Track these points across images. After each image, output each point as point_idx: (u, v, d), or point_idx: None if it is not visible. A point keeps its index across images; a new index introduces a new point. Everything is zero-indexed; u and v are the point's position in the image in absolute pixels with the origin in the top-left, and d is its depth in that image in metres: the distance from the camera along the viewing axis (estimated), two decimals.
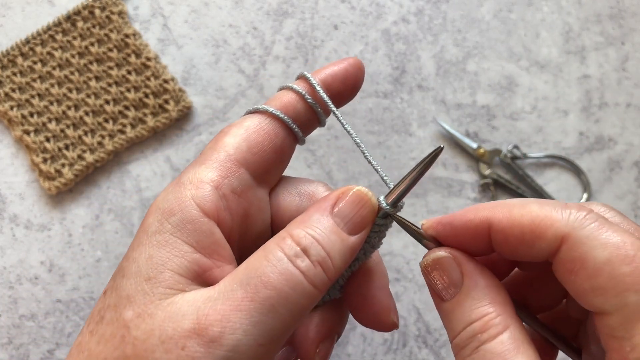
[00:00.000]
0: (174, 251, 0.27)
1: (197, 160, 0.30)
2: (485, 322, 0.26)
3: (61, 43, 0.65)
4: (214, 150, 0.30)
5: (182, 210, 0.28)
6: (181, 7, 0.67)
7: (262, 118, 0.32)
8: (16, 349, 0.59)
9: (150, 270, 0.27)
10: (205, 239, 0.28)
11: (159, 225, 0.28)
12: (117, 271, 0.29)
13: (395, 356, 0.59)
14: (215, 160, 0.30)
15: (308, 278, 0.26)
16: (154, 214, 0.28)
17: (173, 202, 0.28)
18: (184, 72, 0.65)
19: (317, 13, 0.67)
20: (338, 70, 0.33)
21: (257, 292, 0.25)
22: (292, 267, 0.26)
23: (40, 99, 0.64)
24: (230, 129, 0.31)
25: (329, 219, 0.28)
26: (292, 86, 0.33)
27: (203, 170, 0.29)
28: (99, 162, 0.62)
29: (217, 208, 0.28)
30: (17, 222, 0.62)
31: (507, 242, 0.27)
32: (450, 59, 0.66)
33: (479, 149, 0.62)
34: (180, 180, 0.29)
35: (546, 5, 0.67)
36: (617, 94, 0.65)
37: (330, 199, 0.29)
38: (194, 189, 0.28)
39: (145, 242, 0.28)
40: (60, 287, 0.60)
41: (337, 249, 0.27)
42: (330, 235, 0.28)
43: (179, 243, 0.27)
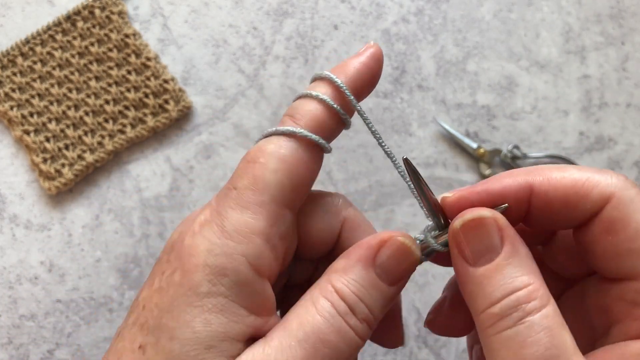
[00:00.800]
0: (233, 317, 0.26)
1: (236, 199, 0.27)
2: (530, 292, 0.24)
3: (61, 43, 0.65)
4: (255, 190, 0.27)
5: (237, 273, 0.26)
6: (181, 7, 0.67)
7: (296, 145, 0.28)
8: (16, 349, 0.59)
9: (211, 338, 0.25)
10: (259, 298, 0.27)
11: (212, 287, 0.26)
12: (155, 327, 0.26)
13: (395, 356, 0.59)
14: (261, 205, 0.27)
15: (357, 334, 0.27)
16: (201, 271, 0.26)
17: (224, 260, 0.26)
18: (184, 72, 0.65)
19: (317, 13, 0.67)
20: (362, 67, 0.30)
21: (317, 351, 0.25)
22: (345, 325, 0.26)
23: (40, 99, 0.64)
24: (266, 160, 0.28)
25: (371, 273, 0.27)
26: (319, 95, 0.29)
27: (250, 217, 0.27)
28: (99, 162, 0.62)
29: (270, 265, 0.27)
30: (17, 222, 0.62)
31: (550, 205, 0.27)
32: (450, 59, 0.66)
33: (479, 149, 0.62)
34: (224, 228, 0.26)
35: (546, 5, 0.67)
36: (617, 94, 0.65)
37: (372, 247, 0.28)
38: (244, 244, 0.26)
39: (197, 305, 0.25)
40: (60, 287, 0.60)
41: (379, 304, 0.27)
42: (372, 291, 0.27)
43: (236, 307, 0.26)
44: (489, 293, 0.25)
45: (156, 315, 0.26)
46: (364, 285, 0.27)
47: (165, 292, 0.26)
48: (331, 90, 0.30)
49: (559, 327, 0.24)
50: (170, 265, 0.27)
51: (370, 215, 0.61)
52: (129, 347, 0.26)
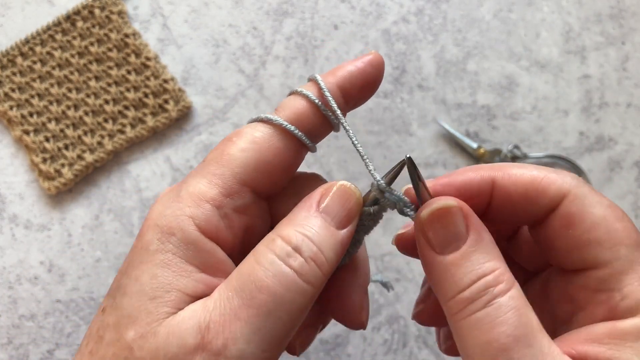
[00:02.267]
0: (179, 271, 0.27)
1: (200, 169, 0.29)
2: (496, 276, 0.25)
3: (61, 43, 0.65)
4: (219, 163, 0.29)
5: (182, 230, 0.27)
6: (181, 6, 0.67)
7: (272, 131, 0.29)
8: (16, 349, 0.59)
9: (156, 290, 0.26)
10: (209, 259, 0.27)
11: (160, 245, 0.27)
12: (114, 288, 0.28)
13: (395, 356, 0.59)
14: (220, 177, 0.28)
15: (302, 276, 0.26)
16: (152, 230, 0.27)
17: (172, 220, 0.27)
18: (184, 72, 0.65)
19: (317, 13, 0.67)
20: (356, 70, 0.30)
21: (253, 298, 0.25)
22: (285, 268, 0.26)
23: (39, 99, 0.63)
24: (238, 139, 0.29)
25: (317, 216, 0.28)
26: (303, 91, 0.30)
27: (205, 185, 0.28)
28: (99, 162, 0.62)
29: (217, 229, 0.28)
30: (16, 222, 0.62)
31: (510, 199, 0.28)
32: (451, 58, 0.66)
33: (479, 149, 0.62)
34: (179, 193, 0.28)
35: (546, 5, 0.67)
36: (618, 94, 0.65)
37: (315, 196, 0.29)
38: (193, 207, 0.27)
39: (147, 261, 0.27)
40: (60, 287, 0.60)
41: (328, 244, 0.27)
42: (319, 230, 0.27)
43: (183, 263, 0.27)
44: (457, 280, 0.26)
45: (117, 279, 0.28)
46: (312, 226, 0.27)
47: (127, 258, 0.28)
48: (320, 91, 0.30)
49: (525, 307, 0.25)
50: (136, 237, 0.29)
51: None
52: (97, 314, 0.28)
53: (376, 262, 0.60)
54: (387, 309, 0.59)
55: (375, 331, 0.59)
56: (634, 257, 0.26)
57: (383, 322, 0.59)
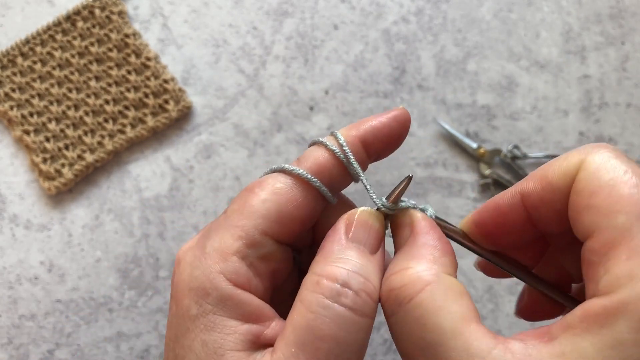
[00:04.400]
0: (225, 330, 0.27)
1: (223, 222, 0.29)
2: (402, 277, 0.26)
3: (61, 43, 0.65)
4: (241, 215, 0.29)
5: (217, 289, 0.27)
6: (181, 7, 0.67)
7: (293, 182, 0.30)
8: (16, 349, 0.59)
9: (210, 357, 0.26)
10: (247, 308, 0.27)
11: (199, 308, 0.27)
12: (172, 358, 0.28)
13: (395, 356, 0.59)
14: (242, 229, 0.28)
15: (357, 312, 0.26)
16: (187, 295, 0.27)
17: (204, 281, 0.27)
18: (184, 72, 0.65)
19: (317, 13, 0.67)
20: (380, 125, 0.31)
21: (317, 350, 0.25)
22: (340, 308, 0.26)
23: (40, 99, 0.64)
24: (260, 190, 0.29)
25: (351, 246, 0.28)
26: (325, 143, 0.30)
27: (228, 238, 0.28)
28: (99, 162, 0.62)
29: (247, 279, 0.28)
30: (16, 222, 0.62)
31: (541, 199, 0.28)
32: (451, 58, 0.66)
33: (479, 149, 0.62)
34: (204, 250, 0.28)
35: (546, 5, 0.67)
36: (617, 94, 0.65)
37: (341, 227, 0.29)
38: (221, 262, 0.27)
39: (192, 328, 0.27)
40: (60, 287, 0.60)
41: (371, 270, 0.27)
42: (359, 260, 0.27)
43: (225, 321, 0.27)
44: (386, 277, 0.28)
45: (172, 348, 0.28)
46: (350, 257, 0.27)
47: (171, 325, 0.28)
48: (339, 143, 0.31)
49: (432, 314, 0.24)
50: (171, 300, 0.29)
51: None
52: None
53: None
54: None
55: (375, 331, 0.59)
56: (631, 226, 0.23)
57: (383, 322, 0.59)
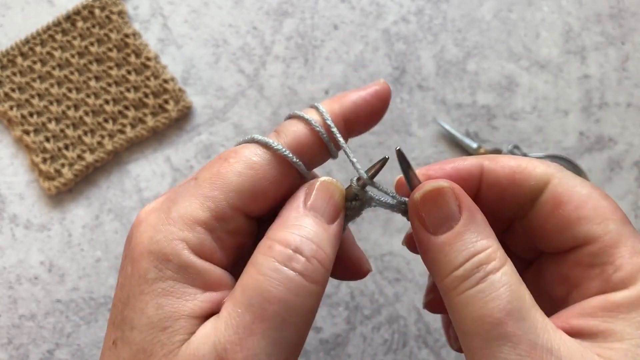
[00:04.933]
0: (184, 296, 0.26)
1: (192, 189, 0.28)
2: (489, 254, 0.26)
3: (61, 43, 0.65)
4: (213, 185, 0.28)
5: (178, 255, 0.27)
6: (181, 7, 0.67)
7: (270, 157, 0.29)
8: (16, 349, 0.59)
9: (164, 321, 0.26)
10: (208, 278, 0.27)
11: (159, 272, 0.26)
12: (120, 321, 0.27)
13: (395, 356, 0.59)
14: (212, 200, 0.28)
15: (308, 277, 0.26)
16: (146, 258, 0.27)
17: (165, 246, 0.27)
18: (184, 72, 0.65)
19: (317, 13, 0.67)
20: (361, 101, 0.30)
21: (264, 310, 0.25)
22: (290, 272, 0.26)
23: (40, 99, 0.64)
24: (235, 161, 0.28)
25: (307, 214, 0.28)
26: (304, 116, 0.30)
27: (196, 207, 0.27)
28: (99, 162, 0.62)
29: (211, 251, 0.28)
30: (16, 222, 0.62)
31: (499, 183, 0.29)
32: (451, 58, 0.66)
33: (479, 149, 0.62)
34: (170, 214, 0.27)
35: (546, 5, 0.67)
36: (617, 94, 0.65)
37: (300, 196, 0.29)
38: (186, 230, 0.27)
39: (147, 291, 0.26)
40: (60, 287, 0.60)
41: (325, 239, 0.27)
42: (314, 228, 0.27)
43: (184, 287, 0.27)
44: (451, 258, 0.26)
45: (120, 310, 0.27)
46: (305, 225, 0.27)
47: (123, 286, 0.27)
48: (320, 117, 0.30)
49: (518, 284, 0.25)
50: (125, 260, 0.28)
51: (370, 214, 0.61)
52: (106, 345, 0.28)
53: (376, 262, 0.60)
54: (387, 309, 0.59)
55: (375, 331, 0.59)
56: (623, 231, 0.27)
57: (383, 322, 0.59)
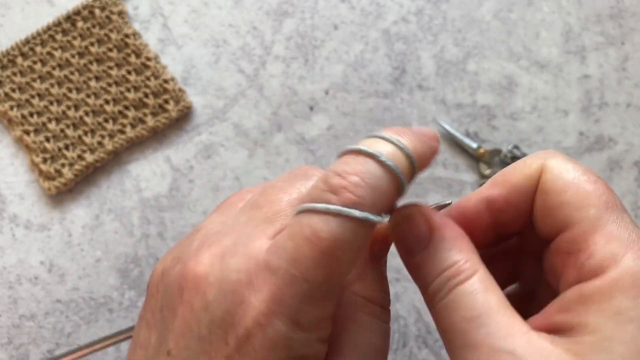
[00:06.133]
0: None
1: (309, 294, 0.25)
2: (457, 268, 0.27)
3: (61, 43, 0.65)
4: (330, 286, 0.26)
5: (318, 357, 0.28)
6: (181, 7, 0.67)
7: (364, 231, 0.26)
8: (16, 349, 0.59)
9: None
10: None
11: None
12: None
13: (395, 356, 0.59)
14: (332, 298, 0.28)
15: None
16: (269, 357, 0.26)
17: (307, 351, 0.27)
18: (184, 72, 0.65)
19: (317, 13, 0.67)
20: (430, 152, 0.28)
21: None
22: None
23: (40, 99, 0.64)
24: (342, 254, 0.25)
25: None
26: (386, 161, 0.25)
27: (324, 312, 0.27)
28: (99, 162, 0.62)
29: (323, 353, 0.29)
30: (16, 222, 0.62)
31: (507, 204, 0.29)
32: (450, 59, 0.66)
33: (479, 149, 0.62)
34: (299, 322, 0.25)
35: (546, 5, 0.67)
36: (617, 94, 0.65)
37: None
38: (319, 330, 0.27)
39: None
40: (60, 287, 0.60)
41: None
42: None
43: None
44: (425, 276, 0.28)
45: None
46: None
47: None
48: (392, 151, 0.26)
49: (483, 291, 0.26)
50: (225, 335, 0.25)
51: None
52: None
53: None
54: None
55: None
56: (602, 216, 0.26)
57: None
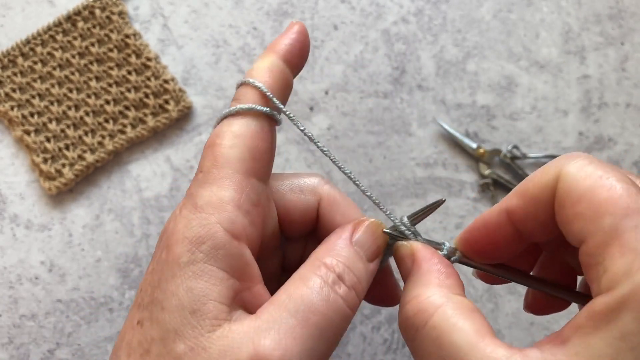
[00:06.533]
0: (212, 280, 0.27)
1: (203, 179, 0.30)
2: (417, 304, 0.28)
3: (61, 43, 0.65)
4: (217, 166, 0.30)
5: (212, 238, 0.28)
6: (181, 7, 0.67)
7: (245, 120, 0.32)
8: (16, 348, 0.59)
9: (194, 303, 0.27)
10: (237, 263, 0.28)
11: (191, 255, 0.28)
12: (148, 302, 0.28)
13: (395, 356, 0.59)
14: (225, 177, 0.29)
15: (346, 302, 0.29)
16: (180, 243, 0.28)
17: (200, 230, 0.28)
18: (184, 72, 0.65)
19: (317, 13, 0.67)
20: (292, 43, 0.33)
21: (307, 320, 0.27)
22: (334, 294, 0.28)
23: (40, 99, 0.64)
24: (221, 140, 0.31)
25: (352, 248, 0.31)
26: (253, 82, 0.33)
27: (217, 190, 0.29)
28: (99, 162, 0.63)
29: (244, 229, 0.29)
30: (17, 222, 0.62)
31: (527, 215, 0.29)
32: (450, 59, 0.66)
33: (478, 149, 0.62)
34: (197, 204, 0.29)
35: (546, 5, 0.67)
36: (617, 94, 0.65)
37: (348, 229, 0.31)
38: (217, 213, 0.28)
39: (179, 274, 0.27)
40: (60, 287, 0.60)
41: (363, 274, 0.30)
42: (356, 262, 0.30)
43: (215, 271, 0.28)
44: (401, 308, 0.30)
45: (150, 293, 0.28)
46: (348, 257, 0.30)
47: (154, 271, 0.29)
48: (268, 81, 0.33)
49: (447, 333, 0.26)
50: (159, 249, 0.30)
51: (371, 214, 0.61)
52: (129, 325, 0.29)
53: None
54: (387, 309, 0.60)
55: (375, 331, 0.59)
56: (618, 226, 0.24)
57: (383, 322, 0.59)
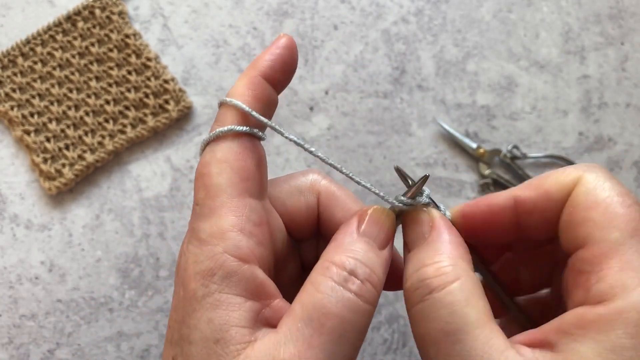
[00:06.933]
0: (230, 307, 0.28)
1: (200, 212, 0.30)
2: (436, 269, 0.27)
3: (61, 43, 0.65)
4: (211, 197, 0.30)
5: (222, 267, 0.28)
6: (181, 7, 0.67)
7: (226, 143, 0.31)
8: (16, 348, 0.59)
9: (216, 333, 0.27)
10: (251, 284, 0.28)
11: (205, 289, 0.28)
12: (177, 338, 0.29)
13: (395, 356, 0.59)
14: (221, 206, 0.29)
15: (362, 297, 0.28)
16: (193, 279, 0.28)
17: (208, 263, 0.28)
18: (184, 72, 0.65)
19: (317, 13, 0.67)
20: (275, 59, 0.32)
21: (322, 326, 0.27)
22: (346, 292, 0.27)
23: (40, 99, 0.64)
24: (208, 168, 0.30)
25: (361, 240, 0.30)
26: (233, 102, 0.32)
27: (217, 220, 0.29)
28: (99, 162, 0.63)
29: (251, 250, 0.29)
30: (17, 222, 0.62)
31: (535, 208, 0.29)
32: (450, 59, 0.66)
33: (478, 149, 0.62)
34: (201, 238, 0.29)
35: (546, 5, 0.67)
36: (617, 94, 0.65)
37: (353, 223, 0.31)
38: (222, 242, 0.28)
39: (198, 308, 0.28)
40: (60, 287, 0.60)
41: (377, 264, 0.29)
42: (367, 253, 0.29)
43: (230, 298, 0.28)
44: (407, 270, 0.29)
45: (177, 329, 0.29)
46: (358, 250, 0.29)
47: (177, 308, 0.29)
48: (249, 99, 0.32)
49: (462, 303, 0.26)
50: (177, 286, 0.30)
51: None
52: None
53: None
54: (387, 309, 0.60)
55: (375, 331, 0.59)
56: (625, 242, 0.25)
57: (383, 322, 0.59)
